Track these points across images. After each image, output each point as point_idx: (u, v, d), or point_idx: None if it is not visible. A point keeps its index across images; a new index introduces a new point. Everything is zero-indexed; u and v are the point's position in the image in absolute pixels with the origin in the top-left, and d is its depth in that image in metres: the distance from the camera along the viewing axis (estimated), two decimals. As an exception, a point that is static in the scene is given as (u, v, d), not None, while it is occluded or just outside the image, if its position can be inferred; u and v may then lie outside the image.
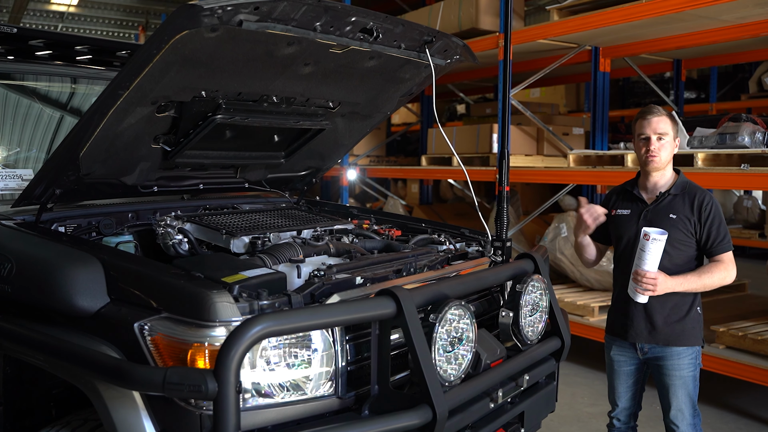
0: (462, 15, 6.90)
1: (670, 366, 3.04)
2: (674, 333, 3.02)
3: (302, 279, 2.46)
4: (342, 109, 3.25)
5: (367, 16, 2.54)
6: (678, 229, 2.98)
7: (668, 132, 3.03)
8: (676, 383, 3.04)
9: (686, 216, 2.98)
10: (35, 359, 2.23)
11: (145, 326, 2.00)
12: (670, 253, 2.96)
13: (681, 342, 3.03)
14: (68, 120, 3.48)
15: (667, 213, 3.01)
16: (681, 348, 3.03)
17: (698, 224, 2.98)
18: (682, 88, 7.87)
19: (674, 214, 3.00)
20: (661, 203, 3.05)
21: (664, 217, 3.02)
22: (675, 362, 3.03)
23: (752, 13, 5.11)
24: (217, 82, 2.60)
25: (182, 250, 2.83)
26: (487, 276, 2.71)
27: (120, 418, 1.99)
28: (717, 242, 2.96)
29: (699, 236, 2.99)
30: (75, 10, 15.56)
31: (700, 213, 2.97)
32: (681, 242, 2.99)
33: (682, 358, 3.03)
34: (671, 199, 3.04)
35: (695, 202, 2.99)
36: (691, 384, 3.04)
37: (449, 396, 2.15)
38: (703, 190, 3.04)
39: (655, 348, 3.07)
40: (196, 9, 2.09)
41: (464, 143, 7.33)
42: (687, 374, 3.04)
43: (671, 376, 3.04)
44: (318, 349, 2.10)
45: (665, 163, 3.06)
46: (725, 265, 2.96)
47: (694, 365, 3.06)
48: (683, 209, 3.00)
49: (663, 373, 3.07)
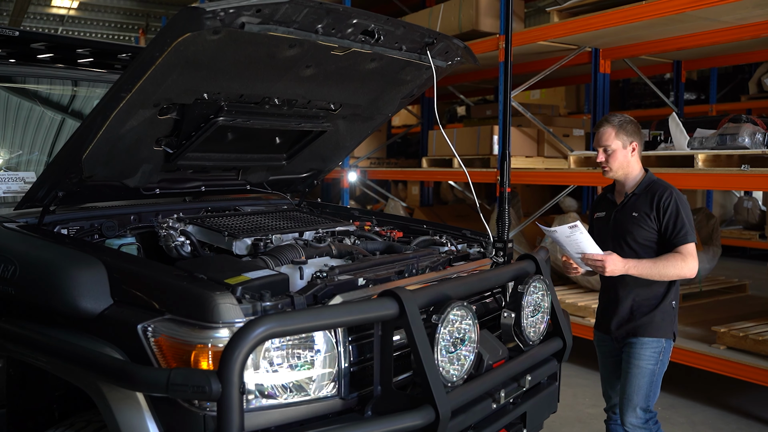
0: (462, 17, 6.91)
1: (632, 354, 3.14)
2: (641, 323, 3.13)
3: (305, 280, 2.46)
4: (343, 111, 3.25)
5: (368, 18, 2.55)
6: (639, 226, 3.12)
7: (611, 144, 3.17)
8: (633, 372, 3.12)
9: (646, 212, 3.11)
10: (39, 361, 2.24)
11: (148, 328, 2.01)
12: (636, 250, 3.12)
13: (646, 332, 3.12)
14: (70, 123, 3.49)
15: (631, 212, 3.16)
16: (645, 338, 3.12)
17: (657, 219, 3.09)
18: (682, 89, 7.88)
19: (636, 212, 3.14)
20: (627, 204, 3.20)
21: (628, 216, 3.16)
22: (637, 350, 3.13)
23: (752, 14, 5.12)
24: (219, 85, 2.61)
25: (185, 252, 2.84)
26: (489, 277, 2.72)
27: (124, 419, 2.00)
28: (675, 234, 3.05)
29: (660, 230, 3.09)
30: (75, 14, 15.59)
31: (659, 207, 3.08)
32: (645, 239, 3.12)
33: (644, 348, 3.12)
34: (635, 199, 3.17)
35: (655, 198, 3.11)
36: (647, 376, 3.10)
37: (452, 396, 2.16)
38: (665, 187, 3.14)
39: (626, 339, 3.18)
40: (199, 11, 2.10)
41: (465, 145, 7.34)
42: (645, 365, 3.10)
43: (630, 365, 3.14)
44: (321, 350, 2.11)
45: (620, 171, 3.20)
46: (683, 256, 3.03)
47: (655, 360, 3.11)
48: (644, 206, 3.13)
49: (626, 360, 3.17)
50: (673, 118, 5.57)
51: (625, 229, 3.15)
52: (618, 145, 3.16)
